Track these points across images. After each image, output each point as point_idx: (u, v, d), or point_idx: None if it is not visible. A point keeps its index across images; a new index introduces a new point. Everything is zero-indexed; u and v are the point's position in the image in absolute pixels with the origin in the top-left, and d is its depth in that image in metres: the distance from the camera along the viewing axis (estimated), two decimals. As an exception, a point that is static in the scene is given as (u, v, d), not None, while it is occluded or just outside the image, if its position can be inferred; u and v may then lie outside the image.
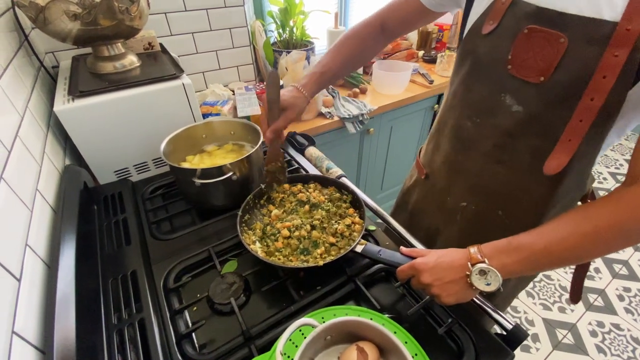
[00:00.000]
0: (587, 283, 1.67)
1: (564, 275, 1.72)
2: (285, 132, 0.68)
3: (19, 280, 0.43)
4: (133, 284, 0.59)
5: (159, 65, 0.91)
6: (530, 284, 1.67)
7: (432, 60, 1.72)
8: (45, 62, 0.96)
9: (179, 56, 1.16)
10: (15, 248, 0.46)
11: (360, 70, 1.57)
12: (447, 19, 1.93)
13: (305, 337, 0.43)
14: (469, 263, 0.47)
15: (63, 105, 0.73)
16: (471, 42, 0.58)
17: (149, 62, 0.94)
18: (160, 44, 1.04)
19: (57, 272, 0.49)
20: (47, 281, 0.51)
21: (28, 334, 0.41)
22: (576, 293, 0.69)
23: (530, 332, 1.47)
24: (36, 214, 0.55)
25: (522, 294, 1.62)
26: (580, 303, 1.59)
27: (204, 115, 1.04)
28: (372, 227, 0.71)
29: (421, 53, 1.79)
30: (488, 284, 0.46)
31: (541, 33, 0.48)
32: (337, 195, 0.73)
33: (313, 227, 0.64)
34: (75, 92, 0.76)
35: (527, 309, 1.57)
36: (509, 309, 1.56)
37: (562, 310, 1.56)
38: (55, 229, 0.59)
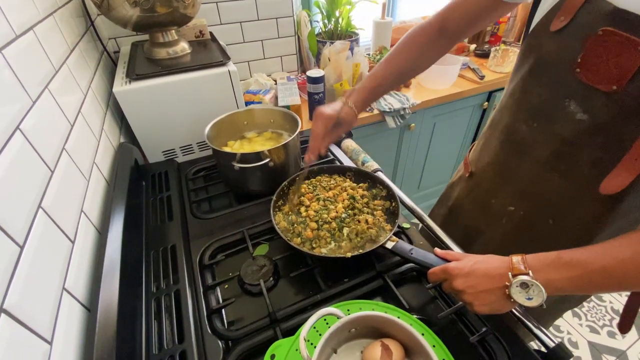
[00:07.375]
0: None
1: (617, 298, 1.56)
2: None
3: (72, 242, 0.48)
4: (172, 257, 0.62)
5: (207, 53, 0.95)
6: (577, 303, 1.53)
7: (485, 55, 1.61)
8: (108, 47, 1.04)
9: (227, 45, 1.19)
10: (72, 213, 0.50)
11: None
12: (505, 11, 1.80)
13: (330, 327, 0.43)
14: (509, 273, 0.43)
15: (121, 87, 0.79)
16: (537, 38, 0.52)
17: (199, 49, 0.98)
18: (211, 33, 1.08)
19: (107, 238, 0.53)
20: (97, 246, 0.56)
21: (77, 291, 0.45)
22: (627, 322, 0.62)
23: (573, 355, 1.35)
24: (92, 184, 0.61)
25: (567, 313, 1.50)
26: (633, 329, 1.44)
27: (247, 103, 1.07)
28: (406, 225, 0.69)
29: (473, 47, 1.68)
30: (529, 299, 0.42)
31: (617, 37, 0.42)
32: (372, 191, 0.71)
33: (342, 220, 0.63)
34: (132, 75, 0.81)
35: (571, 329, 1.44)
36: (550, 327, 1.45)
37: (611, 335, 1.42)
38: (107, 199, 0.64)
